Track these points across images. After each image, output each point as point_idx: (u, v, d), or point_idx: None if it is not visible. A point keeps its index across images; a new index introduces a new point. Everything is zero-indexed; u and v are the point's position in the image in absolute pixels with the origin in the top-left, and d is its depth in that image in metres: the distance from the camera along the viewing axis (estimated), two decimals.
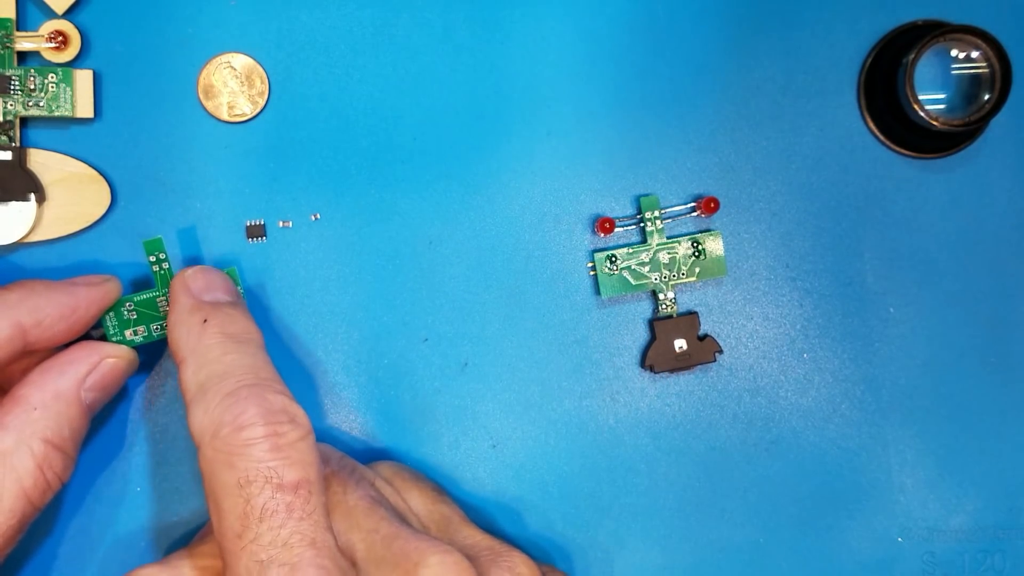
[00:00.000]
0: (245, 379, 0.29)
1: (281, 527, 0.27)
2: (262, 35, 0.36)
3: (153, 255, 0.33)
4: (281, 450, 0.28)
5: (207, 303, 0.32)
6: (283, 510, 0.27)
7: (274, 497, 0.27)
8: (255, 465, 0.27)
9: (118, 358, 0.32)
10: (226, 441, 0.28)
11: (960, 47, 0.36)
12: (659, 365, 0.36)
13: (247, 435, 0.28)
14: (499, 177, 0.36)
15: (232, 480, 0.27)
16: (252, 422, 0.28)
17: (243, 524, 0.27)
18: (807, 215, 0.37)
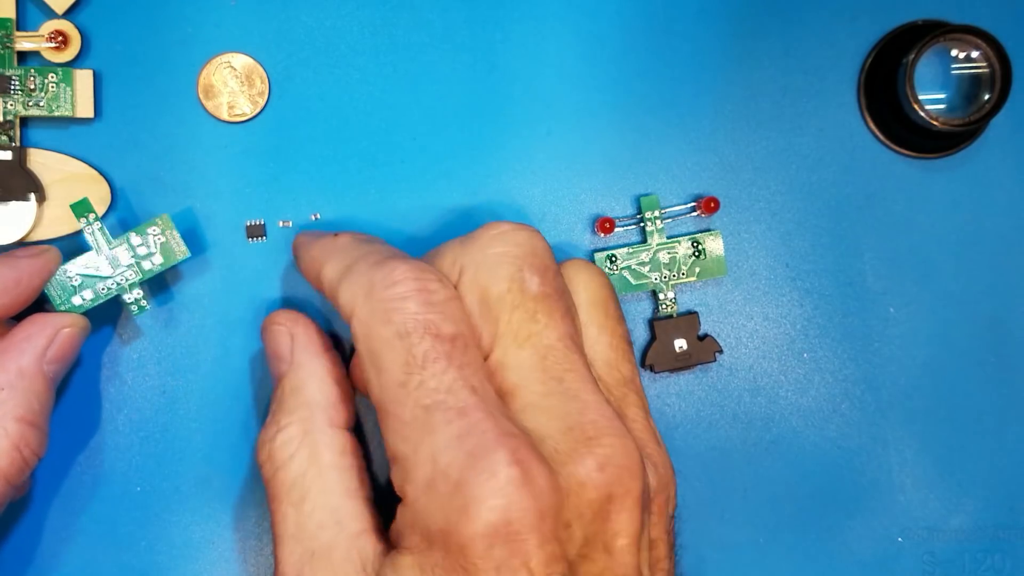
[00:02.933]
0: (388, 252, 0.30)
1: (444, 373, 0.27)
2: (262, 35, 0.36)
3: (83, 216, 0.33)
4: (434, 305, 0.28)
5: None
6: (444, 358, 0.27)
7: (434, 346, 0.27)
8: (412, 317, 0.28)
9: (72, 327, 0.32)
10: (381, 297, 0.28)
11: (960, 47, 0.36)
12: (659, 365, 0.36)
13: (401, 289, 0.28)
14: (499, 177, 0.36)
15: (391, 333, 0.28)
16: (404, 277, 0.28)
17: (406, 372, 0.27)
18: (807, 215, 0.37)
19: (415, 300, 0.28)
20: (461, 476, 0.26)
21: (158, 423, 0.35)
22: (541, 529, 0.26)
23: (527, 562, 0.26)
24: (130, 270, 0.33)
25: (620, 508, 0.28)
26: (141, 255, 0.33)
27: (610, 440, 0.28)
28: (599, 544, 0.28)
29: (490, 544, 0.26)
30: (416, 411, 0.27)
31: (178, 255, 0.34)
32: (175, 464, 0.35)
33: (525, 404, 0.28)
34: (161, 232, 0.33)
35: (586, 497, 0.28)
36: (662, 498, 0.30)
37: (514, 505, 0.26)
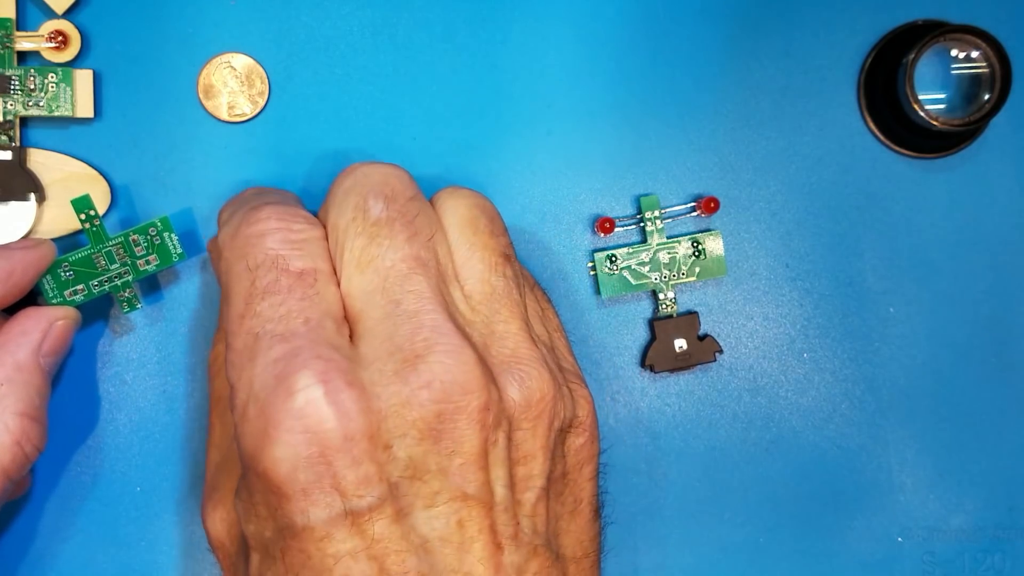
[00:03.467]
0: (273, 198, 0.31)
1: (281, 304, 0.28)
2: (262, 35, 0.36)
3: (83, 212, 0.33)
4: (292, 242, 0.29)
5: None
6: (284, 291, 0.28)
7: (278, 279, 0.28)
8: (265, 251, 0.28)
9: (65, 319, 0.33)
10: (244, 234, 0.29)
11: (960, 47, 0.36)
12: (659, 365, 0.36)
13: (261, 227, 0.29)
14: (499, 177, 0.36)
15: (242, 267, 0.28)
16: (268, 216, 0.29)
17: (247, 303, 0.28)
18: (807, 215, 0.37)
19: (273, 237, 0.29)
20: (267, 399, 0.26)
21: (158, 423, 0.35)
22: (349, 451, 0.26)
23: (336, 485, 0.26)
24: (125, 268, 0.33)
25: (453, 427, 0.27)
26: (138, 255, 0.33)
27: (439, 356, 0.27)
28: (432, 464, 0.27)
29: (292, 467, 0.26)
30: (247, 339, 0.27)
31: (174, 257, 0.33)
32: (175, 464, 0.35)
33: (364, 331, 0.28)
34: (159, 233, 0.33)
35: (409, 417, 0.27)
36: (534, 412, 0.29)
37: (315, 427, 0.26)
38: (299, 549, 0.26)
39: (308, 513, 0.26)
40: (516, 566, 0.28)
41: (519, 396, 0.28)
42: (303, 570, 0.26)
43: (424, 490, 0.27)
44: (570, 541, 0.30)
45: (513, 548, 0.28)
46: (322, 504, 0.26)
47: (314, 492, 0.26)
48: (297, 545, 0.26)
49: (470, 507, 0.27)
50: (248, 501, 0.27)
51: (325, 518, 0.26)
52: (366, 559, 0.26)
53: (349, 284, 0.28)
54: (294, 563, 0.26)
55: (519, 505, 0.28)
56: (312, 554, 0.26)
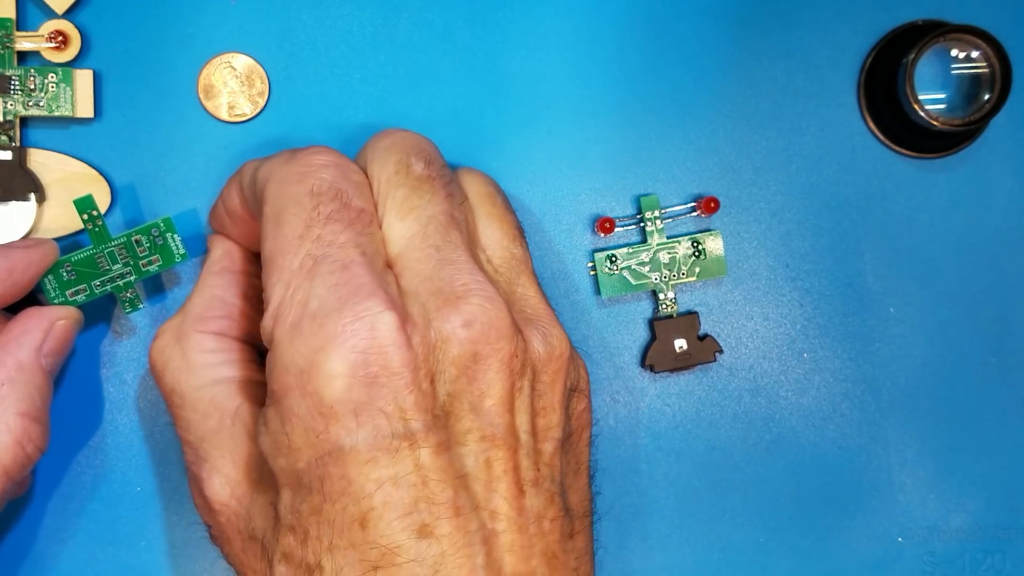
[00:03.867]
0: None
1: (341, 233, 0.28)
2: (262, 35, 0.36)
3: (85, 213, 0.33)
4: (351, 180, 0.29)
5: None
6: (345, 221, 0.28)
7: (340, 210, 0.28)
8: (329, 182, 0.29)
9: (67, 319, 0.33)
10: (302, 162, 0.29)
11: (960, 47, 0.36)
12: (659, 365, 0.36)
13: (322, 159, 0.29)
14: (499, 177, 0.36)
15: (303, 190, 0.29)
16: (326, 151, 0.30)
17: (307, 226, 0.28)
18: (807, 215, 0.37)
19: (333, 171, 0.29)
20: (328, 316, 0.27)
21: (158, 423, 0.35)
22: (403, 376, 0.27)
23: (385, 408, 0.26)
24: (127, 269, 0.33)
25: (487, 368, 0.28)
26: (140, 255, 0.33)
27: (479, 300, 0.28)
28: (465, 403, 0.28)
29: (348, 385, 0.26)
30: (305, 260, 0.28)
31: (176, 258, 0.33)
32: (175, 464, 0.35)
33: (404, 269, 0.29)
34: (161, 234, 0.33)
35: (451, 353, 0.28)
36: (552, 367, 0.30)
37: (380, 347, 0.26)
38: (340, 475, 0.26)
39: (356, 434, 0.26)
40: (536, 510, 0.29)
41: (542, 350, 0.30)
42: (342, 497, 0.26)
43: (457, 427, 0.28)
44: (575, 498, 0.31)
45: (534, 492, 0.29)
46: (370, 426, 0.26)
47: (364, 412, 0.26)
48: (339, 470, 0.26)
49: (497, 447, 0.28)
50: (279, 432, 0.27)
51: (372, 441, 0.26)
52: (406, 486, 0.26)
53: (390, 229, 0.29)
54: (333, 491, 0.26)
55: (539, 454, 0.29)
56: (354, 479, 0.26)
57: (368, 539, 0.26)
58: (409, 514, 0.26)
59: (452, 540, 0.27)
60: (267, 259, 0.28)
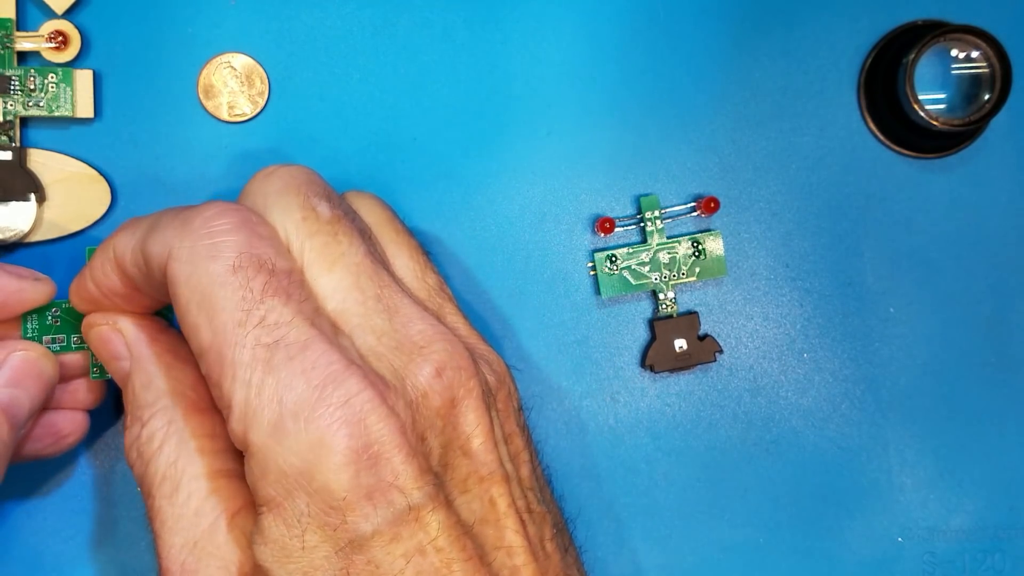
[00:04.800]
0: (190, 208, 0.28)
1: (284, 307, 0.26)
2: (262, 35, 0.36)
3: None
4: (263, 238, 0.27)
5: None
6: (283, 292, 0.26)
7: (270, 281, 0.26)
8: (242, 250, 0.26)
9: (27, 351, 0.31)
10: (203, 232, 0.26)
11: (960, 47, 0.36)
12: (659, 365, 0.36)
13: (223, 221, 0.26)
14: (499, 177, 0.36)
15: (221, 268, 0.26)
16: (222, 209, 0.27)
17: (244, 309, 0.25)
18: (807, 215, 0.37)
19: (241, 232, 0.26)
20: (313, 410, 0.25)
21: None
22: (403, 446, 0.26)
23: (395, 482, 0.25)
24: None
25: (466, 409, 0.28)
26: None
27: (440, 346, 0.27)
28: (457, 449, 0.27)
29: (355, 472, 0.25)
30: (257, 350, 0.25)
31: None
32: None
33: (352, 328, 0.27)
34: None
35: (432, 406, 0.27)
36: (503, 393, 0.30)
37: (374, 426, 0.25)
38: (366, 561, 0.25)
39: (374, 517, 0.25)
40: (537, 536, 0.29)
41: (491, 377, 0.29)
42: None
43: (456, 476, 0.27)
44: (553, 511, 0.31)
45: (530, 519, 0.29)
46: (384, 505, 0.25)
47: (376, 494, 0.25)
48: (364, 556, 0.25)
49: (496, 484, 0.28)
50: (286, 537, 0.26)
51: (391, 518, 0.25)
52: (434, 551, 0.26)
53: (316, 283, 0.28)
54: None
55: (521, 480, 0.29)
56: (381, 561, 0.25)
57: None
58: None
59: None
60: (207, 354, 0.26)
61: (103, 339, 0.31)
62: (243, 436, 0.26)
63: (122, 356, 0.31)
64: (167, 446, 0.29)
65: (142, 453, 0.29)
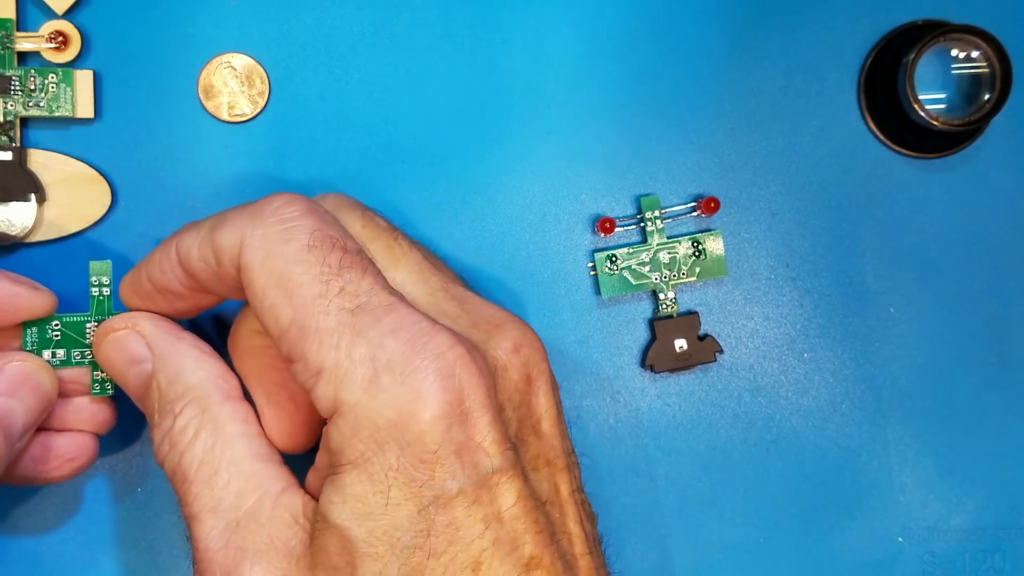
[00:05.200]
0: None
1: (361, 279, 0.26)
2: (262, 35, 0.36)
3: (96, 277, 0.31)
4: (331, 224, 0.28)
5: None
6: (359, 266, 0.27)
7: (345, 256, 0.27)
8: (315, 231, 0.27)
9: (24, 361, 0.30)
10: (275, 219, 0.27)
11: (960, 47, 0.36)
12: (659, 365, 0.36)
13: (293, 209, 0.27)
14: (499, 177, 0.36)
15: (296, 248, 0.27)
16: (290, 199, 0.28)
17: (324, 281, 0.26)
18: (807, 215, 0.37)
19: (312, 218, 0.27)
20: (407, 363, 0.25)
21: None
22: (490, 408, 0.26)
23: (482, 443, 0.26)
24: None
25: (538, 390, 0.29)
26: None
27: (514, 325, 0.29)
28: (529, 428, 0.28)
29: (448, 426, 0.25)
30: (341, 316, 0.26)
31: None
32: None
33: (426, 312, 0.28)
34: None
35: (511, 379, 0.28)
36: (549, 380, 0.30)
37: (466, 382, 0.26)
38: (447, 522, 0.25)
39: (460, 476, 0.25)
40: (592, 533, 0.29)
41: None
42: (450, 546, 0.25)
43: (527, 454, 0.28)
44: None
45: (585, 516, 0.29)
46: (470, 465, 0.25)
47: (464, 452, 0.25)
48: (446, 517, 0.25)
49: (560, 471, 0.28)
50: (369, 494, 0.25)
51: (476, 479, 0.25)
52: (510, 519, 0.26)
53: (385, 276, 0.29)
54: (439, 542, 0.25)
55: (575, 476, 0.30)
56: (462, 523, 0.25)
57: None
58: (516, 549, 0.26)
59: (553, 570, 0.26)
60: (288, 331, 0.26)
61: (122, 344, 0.30)
62: (333, 398, 0.26)
63: (142, 359, 0.30)
64: (202, 433, 0.29)
65: (175, 444, 0.29)
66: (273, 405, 0.30)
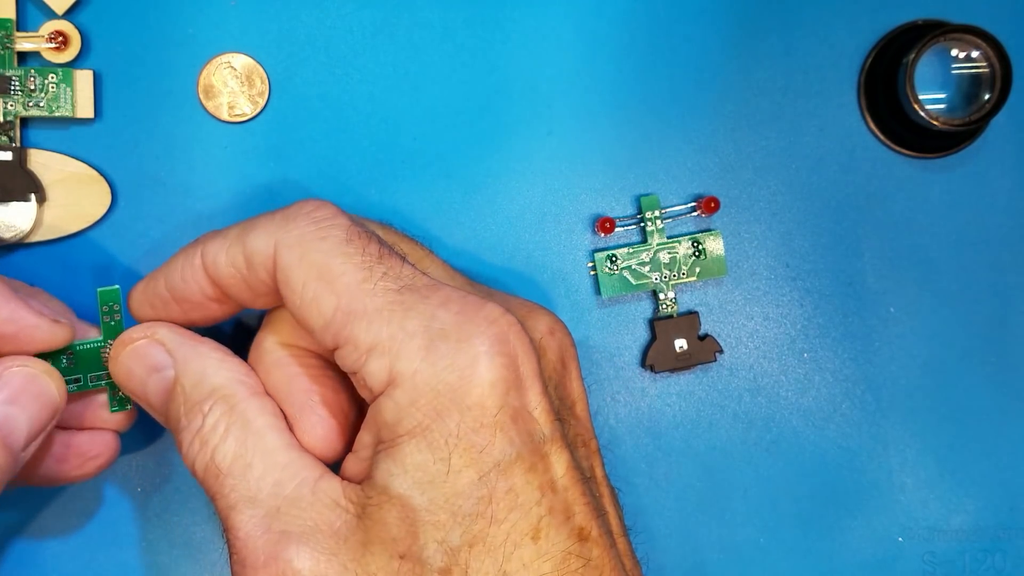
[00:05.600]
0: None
1: (402, 267, 0.27)
2: (262, 35, 0.36)
3: (106, 305, 0.31)
4: (362, 224, 0.28)
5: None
6: (396, 256, 0.28)
7: (381, 248, 0.27)
8: (350, 227, 0.28)
9: (26, 366, 0.29)
10: (309, 220, 0.28)
11: (960, 47, 0.36)
12: (659, 365, 0.36)
13: (326, 211, 0.28)
14: (499, 177, 0.36)
15: (335, 242, 0.27)
16: (322, 203, 0.28)
17: (367, 267, 0.27)
18: (807, 215, 0.37)
19: (344, 218, 0.28)
20: (462, 330, 0.26)
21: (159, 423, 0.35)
22: (539, 378, 0.27)
23: (534, 411, 0.26)
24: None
25: (572, 374, 0.29)
26: None
27: (544, 312, 0.30)
28: (567, 408, 0.29)
29: (506, 390, 0.26)
30: (389, 295, 0.26)
31: None
32: (175, 464, 0.35)
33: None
34: None
35: (550, 360, 0.28)
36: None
37: (520, 348, 0.26)
38: (507, 488, 0.25)
39: (518, 441, 0.26)
40: (621, 515, 0.30)
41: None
42: (511, 513, 0.25)
43: (568, 432, 0.28)
44: None
45: (615, 500, 0.30)
46: (526, 431, 0.26)
47: (520, 418, 0.26)
48: (506, 483, 0.25)
49: (594, 453, 0.29)
50: (429, 462, 0.25)
51: (532, 446, 0.26)
52: (562, 489, 0.26)
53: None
54: (499, 508, 0.25)
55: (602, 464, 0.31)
56: (521, 490, 0.25)
57: (542, 552, 0.25)
58: (570, 518, 0.26)
59: (601, 543, 0.26)
60: (334, 318, 0.27)
61: (142, 353, 0.30)
62: (388, 370, 0.26)
63: (163, 366, 0.30)
64: (233, 429, 0.28)
65: (207, 441, 0.28)
66: (307, 412, 0.30)
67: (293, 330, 0.31)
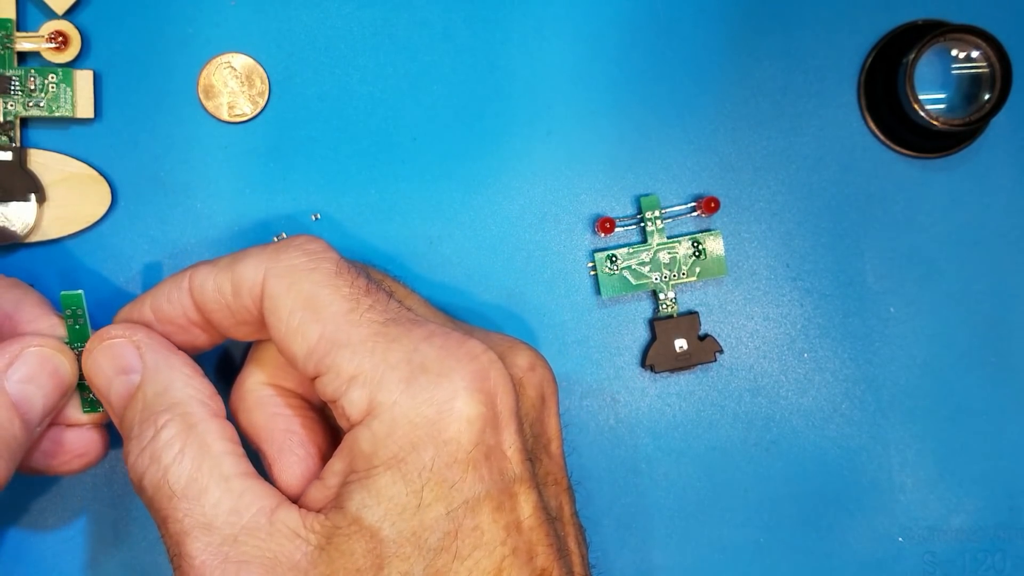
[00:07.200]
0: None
1: (388, 302, 0.28)
2: (262, 35, 0.36)
3: (69, 309, 0.30)
4: (353, 263, 0.29)
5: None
6: (383, 292, 0.28)
7: (368, 283, 0.28)
8: (339, 261, 0.28)
9: (42, 346, 0.29)
10: (300, 252, 0.28)
11: (960, 47, 0.36)
12: (659, 365, 0.36)
13: (315, 245, 0.29)
14: (499, 177, 0.36)
15: (323, 275, 0.28)
16: (310, 238, 0.29)
17: (353, 299, 0.27)
18: (807, 215, 0.37)
19: (334, 252, 0.29)
20: (443, 365, 0.26)
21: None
22: (515, 418, 0.27)
23: (507, 450, 0.26)
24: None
25: (550, 411, 0.30)
26: None
27: (524, 347, 0.30)
28: (541, 446, 0.29)
29: (483, 427, 0.26)
30: (374, 326, 0.27)
31: None
32: None
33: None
34: None
35: (529, 396, 0.29)
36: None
37: (499, 386, 0.26)
38: (473, 526, 0.26)
39: (488, 480, 0.26)
40: (585, 555, 0.30)
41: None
42: (475, 551, 0.26)
43: (539, 471, 0.28)
44: None
45: (582, 541, 0.30)
46: (497, 470, 0.26)
47: (493, 456, 0.26)
48: (472, 521, 0.26)
49: (564, 491, 0.29)
50: (402, 494, 0.26)
51: (501, 485, 0.26)
52: (527, 529, 0.26)
53: None
54: (464, 545, 0.26)
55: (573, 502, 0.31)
56: (487, 528, 0.26)
57: None
58: (531, 559, 0.26)
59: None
60: (317, 347, 0.27)
61: (115, 352, 0.30)
62: (368, 399, 0.26)
63: (132, 369, 0.30)
64: (189, 450, 0.28)
65: (158, 458, 0.28)
66: (285, 452, 0.30)
67: (276, 369, 0.31)
